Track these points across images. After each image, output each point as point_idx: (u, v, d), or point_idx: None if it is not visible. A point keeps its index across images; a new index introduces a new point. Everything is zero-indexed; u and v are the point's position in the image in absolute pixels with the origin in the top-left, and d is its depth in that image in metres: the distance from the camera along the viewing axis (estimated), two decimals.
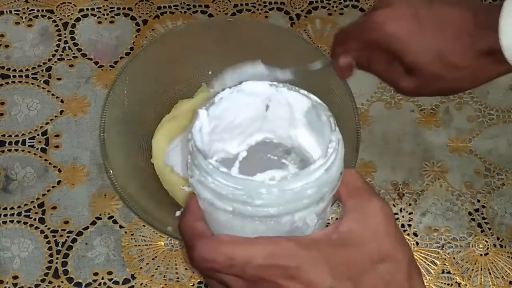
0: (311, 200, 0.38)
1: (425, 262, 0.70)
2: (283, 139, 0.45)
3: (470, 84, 0.55)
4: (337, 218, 0.57)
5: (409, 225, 0.72)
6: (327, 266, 0.38)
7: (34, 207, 0.71)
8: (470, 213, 0.73)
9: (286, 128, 0.44)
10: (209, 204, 0.39)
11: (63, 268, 0.68)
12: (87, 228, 0.70)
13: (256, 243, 0.38)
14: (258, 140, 0.45)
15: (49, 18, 0.82)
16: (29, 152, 0.74)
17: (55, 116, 0.76)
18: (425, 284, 0.68)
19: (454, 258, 0.70)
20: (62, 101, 0.77)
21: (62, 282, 0.67)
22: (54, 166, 0.73)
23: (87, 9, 0.83)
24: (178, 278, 0.68)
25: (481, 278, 0.69)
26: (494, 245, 0.71)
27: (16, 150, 0.74)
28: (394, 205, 0.73)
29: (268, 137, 0.45)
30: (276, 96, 0.42)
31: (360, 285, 0.38)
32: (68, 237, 0.69)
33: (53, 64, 0.79)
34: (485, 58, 0.51)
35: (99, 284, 0.67)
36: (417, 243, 0.71)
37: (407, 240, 0.42)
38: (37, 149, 0.74)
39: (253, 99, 0.43)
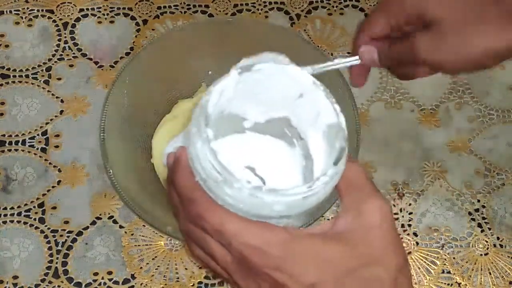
0: (276, 214, 0.38)
1: (425, 262, 0.70)
2: (301, 131, 0.44)
3: (492, 44, 0.48)
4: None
5: (409, 225, 0.72)
6: (313, 262, 0.37)
7: (34, 207, 0.71)
8: (470, 213, 0.73)
9: (306, 125, 0.43)
10: (191, 161, 0.39)
11: (63, 268, 0.68)
12: (87, 228, 0.70)
13: (251, 222, 0.38)
14: (281, 116, 0.44)
15: (49, 18, 0.82)
16: (29, 152, 0.74)
17: (55, 116, 0.76)
18: (425, 284, 0.68)
19: (454, 258, 0.70)
20: (62, 101, 0.77)
21: (62, 282, 0.67)
22: (54, 166, 0.73)
23: (87, 9, 0.83)
24: (178, 278, 0.68)
25: (481, 278, 0.69)
26: (494, 245, 0.71)
27: (16, 150, 0.74)
28: (394, 205, 0.73)
29: (289, 118, 0.44)
30: (311, 92, 0.42)
31: (343, 284, 0.37)
32: (68, 237, 0.69)
33: (53, 64, 0.79)
34: (508, 19, 0.48)
35: (99, 284, 0.67)
36: (417, 243, 0.71)
37: (402, 243, 0.41)
38: (37, 149, 0.74)
39: (290, 83, 0.42)
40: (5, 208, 0.71)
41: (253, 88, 0.42)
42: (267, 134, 0.45)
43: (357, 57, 0.54)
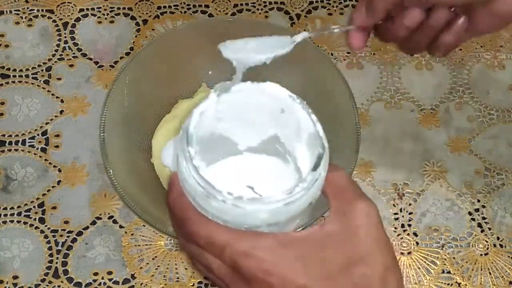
0: (262, 223, 0.40)
1: (425, 262, 0.70)
2: (288, 146, 0.46)
3: None
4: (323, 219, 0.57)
5: (409, 225, 0.72)
6: (302, 265, 0.38)
7: (34, 207, 0.71)
8: (470, 213, 0.73)
9: (291, 139, 0.45)
10: (181, 182, 0.41)
11: (63, 268, 0.68)
12: (87, 228, 0.70)
13: (240, 231, 0.39)
14: (270, 135, 0.46)
15: (49, 18, 0.82)
16: (29, 152, 0.74)
17: (55, 116, 0.76)
18: (425, 284, 0.68)
19: (454, 258, 0.70)
20: (62, 101, 0.77)
21: (62, 282, 0.67)
22: (54, 166, 0.73)
23: (87, 9, 0.83)
24: (178, 278, 0.68)
25: (481, 278, 0.69)
26: (494, 245, 0.71)
27: (16, 150, 0.74)
28: (394, 205, 0.73)
29: (278, 134, 0.46)
30: (291, 106, 0.43)
31: (332, 285, 0.38)
32: (68, 237, 0.69)
33: (53, 64, 0.79)
34: None
35: (99, 284, 0.67)
36: (417, 243, 0.71)
37: (391, 243, 0.42)
38: (37, 149, 0.74)
39: (269, 100, 0.43)
40: (5, 208, 0.71)
41: (237, 108, 0.43)
42: (263, 153, 0.47)
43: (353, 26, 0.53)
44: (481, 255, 0.71)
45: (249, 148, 0.47)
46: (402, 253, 0.70)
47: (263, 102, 0.44)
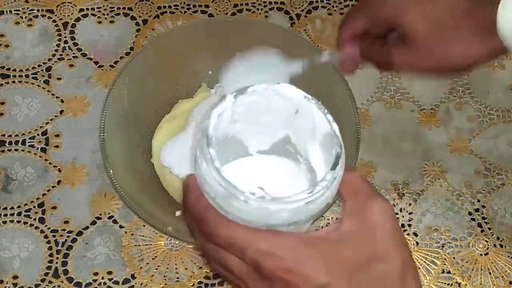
0: (283, 222, 0.40)
1: (425, 262, 0.70)
2: (299, 147, 0.47)
3: (463, 61, 0.53)
4: (337, 218, 0.57)
5: (409, 225, 0.72)
6: (323, 263, 0.39)
7: (34, 207, 0.71)
8: (470, 213, 0.73)
9: (304, 139, 0.45)
10: (200, 184, 0.42)
11: (63, 268, 0.68)
12: (87, 228, 0.70)
13: (261, 231, 0.40)
14: (282, 136, 0.47)
15: (49, 18, 0.82)
16: (29, 152, 0.74)
17: (55, 116, 0.76)
18: (425, 284, 0.68)
19: (454, 258, 0.70)
20: (62, 101, 0.77)
21: (62, 282, 0.67)
22: (54, 166, 0.73)
23: (87, 9, 0.83)
24: (178, 278, 0.68)
25: (481, 278, 0.69)
26: (494, 245, 0.71)
27: (16, 150, 0.74)
28: (394, 205, 0.73)
29: (289, 135, 0.47)
30: (305, 107, 0.44)
31: (353, 282, 0.39)
32: (68, 237, 0.69)
33: (53, 64, 0.79)
34: (478, 34, 0.51)
35: (99, 284, 0.67)
36: (417, 243, 0.71)
37: (407, 241, 0.43)
38: (37, 149, 0.74)
39: (284, 102, 0.44)
40: (5, 208, 0.71)
41: (252, 110, 0.44)
42: (273, 154, 0.48)
43: (341, 52, 0.58)
44: (481, 255, 0.71)
45: (260, 151, 0.48)
46: None
47: (278, 104, 0.44)
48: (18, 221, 0.70)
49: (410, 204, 0.73)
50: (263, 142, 0.47)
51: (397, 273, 0.39)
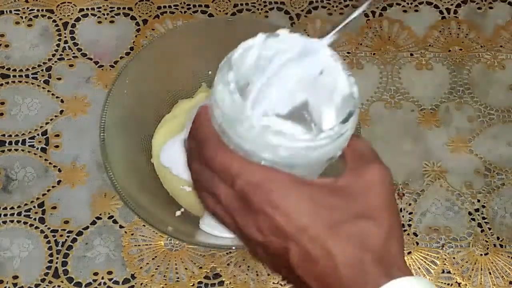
0: (279, 160, 0.40)
1: (425, 262, 0.70)
2: (315, 115, 0.45)
3: None
4: None
5: (409, 225, 0.72)
6: (309, 206, 0.39)
7: (34, 207, 0.71)
8: (470, 213, 0.73)
9: (321, 103, 0.44)
10: (210, 110, 0.41)
11: (63, 268, 0.68)
12: (87, 228, 0.70)
13: (255, 164, 0.40)
14: (301, 100, 0.45)
15: (49, 18, 0.82)
16: (29, 152, 0.74)
17: (55, 116, 0.76)
18: None
19: (454, 258, 0.70)
20: (62, 101, 0.77)
21: (62, 282, 0.67)
22: (54, 166, 0.73)
23: (87, 9, 0.83)
24: (178, 278, 0.68)
25: (481, 278, 0.69)
26: (494, 245, 0.71)
27: (16, 150, 0.74)
28: None
29: (308, 99, 0.45)
30: (331, 67, 0.43)
31: (334, 232, 0.38)
32: (68, 237, 0.69)
33: (53, 64, 0.79)
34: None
35: (99, 284, 0.67)
36: (417, 243, 0.71)
37: (399, 210, 0.42)
38: (37, 149, 0.74)
39: (311, 60, 0.43)
40: (5, 208, 0.71)
41: (277, 61, 0.43)
42: (288, 120, 0.45)
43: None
44: (481, 255, 0.71)
45: (277, 115, 0.46)
46: None
47: (304, 61, 0.43)
48: (18, 221, 0.70)
49: (410, 204, 0.73)
50: (283, 104, 0.45)
51: (381, 235, 0.39)
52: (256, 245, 0.40)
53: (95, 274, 0.68)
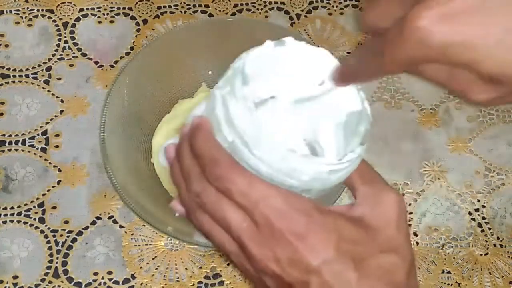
0: (299, 185, 0.38)
1: (425, 262, 0.70)
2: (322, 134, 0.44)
3: None
4: None
5: (409, 225, 0.72)
6: (335, 237, 0.37)
7: (34, 207, 0.71)
8: (470, 213, 0.73)
9: (319, 115, 0.42)
10: (217, 123, 0.38)
11: (63, 268, 0.68)
12: (87, 228, 0.70)
13: (279, 188, 0.37)
14: (314, 127, 0.43)
15: (49, 18, 0.82)
16: (29, 152, 0.74)
17: (55, 116, 0.76)
18: (425, 284, 0.68)
19: (454, 258, 0.70)
20: (62, 101, 0.77)
21: (62, 282, 0.67)
22: (54, 166, 0.73)
23: (87, 9, 0.83)
24: (178, 278, 0.68)
25: (481, 278, 0.69)
26: (494, 245, 0.71)
27: (16, 150, 0.74)
28: None
29: (317, 127, 0.43)
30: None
31: (360, 267, 0.37)
32: (68, 237, 0.69)
33: (53, 64, 0.79)
34: None
35: (99, 284, 0.67)
36: (417, 243, 0.71)
37: None
38: (37, 149, 0.74)
39: (314, 68, 0.41)
40: (5, 208, 0.71)
41: (280, 68, 0.41)
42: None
43: None
44: (481, 255, 0.71)
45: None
46: None
47: (308, 68, 0.41)
48: (18, 221, 0.70)
49: (410, 204, 0.73)
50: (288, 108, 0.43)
51: (405, 269, 0.38)
52: (269, 277, 0.38)
53: (95, 274, 0.68)
